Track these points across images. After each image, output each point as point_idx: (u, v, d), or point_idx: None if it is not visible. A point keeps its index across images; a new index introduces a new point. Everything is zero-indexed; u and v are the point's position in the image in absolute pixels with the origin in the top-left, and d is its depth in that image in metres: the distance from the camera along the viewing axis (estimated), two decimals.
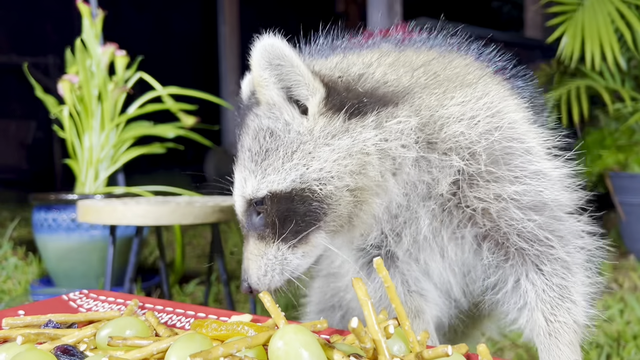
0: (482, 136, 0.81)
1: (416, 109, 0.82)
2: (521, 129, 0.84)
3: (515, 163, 0.82)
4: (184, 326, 0.76)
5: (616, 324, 1.48)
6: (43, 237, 2.00)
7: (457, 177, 0.81)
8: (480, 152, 0.81)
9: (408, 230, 0.86)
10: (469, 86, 0.85)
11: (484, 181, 0.81)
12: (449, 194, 0.82)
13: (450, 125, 0.81)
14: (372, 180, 0.81)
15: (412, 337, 0.60)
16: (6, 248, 2.49)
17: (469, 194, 0.81)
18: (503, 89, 0.89)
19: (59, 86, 2.08)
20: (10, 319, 0.72)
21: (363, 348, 0.56)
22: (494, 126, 0.82)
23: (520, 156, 0.82)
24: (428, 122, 0.81)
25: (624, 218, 2.45)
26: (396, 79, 0.83)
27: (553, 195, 0.83)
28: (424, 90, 0.83)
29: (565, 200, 0.85)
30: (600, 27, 2.30)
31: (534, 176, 0.82)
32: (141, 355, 0.59)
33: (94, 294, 0.88)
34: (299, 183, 0.79)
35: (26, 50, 6.77)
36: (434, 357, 0.55)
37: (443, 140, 0.81)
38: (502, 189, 0.81)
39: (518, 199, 0.81)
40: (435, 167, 0.81)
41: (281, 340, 0.54)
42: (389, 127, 0.80)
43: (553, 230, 0.83)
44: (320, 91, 0.80)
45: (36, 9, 6.76)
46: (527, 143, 0.83)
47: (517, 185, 0.81)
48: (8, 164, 6.65)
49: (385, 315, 0.69)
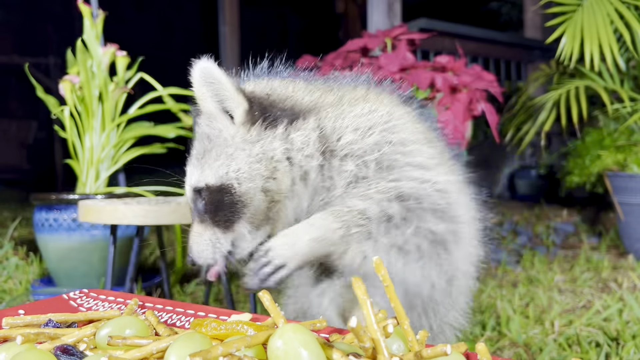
0: (375, 146, 0.95)
1: (320, 123, 0.96)
2: (409, 144, 0.97)
3: (397, 170, 0.95)
4: (183, 325, 0.76)
5: (615, 323, 1.49)
6: (44, 237, 2.00)
7: (350, 180, 0.95)
8: (371, 160, 0.94)
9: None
10: (366, 102, 0.99)
11: (366, 183, 0.95)
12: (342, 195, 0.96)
13: (347, 135, 0.95)
14: (282, 184, 0.95)
15: (411, 336, 0.61)
16: (7, 248, 2.50)
17: (352, 191, 0.95)
18: (398, 106, 1.02)
19: (60, 86, 2.08)
20: (10, 318, 0.72)
21: (362, 347, 0.56)
22: (387, 140, 0.95)
23: (403, 166, 0.96)
24: (331, 133, 0.95)
25: (622, 218, 2.45)
26: (309, 99, 0.99)
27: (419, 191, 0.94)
28: (329, 107, 0.98)
29: (438, 199, 0.96)
30: (600, 28, 2.30)
31: (409, 177, 0.95)
32: (141, 355, 0.59)
33: (94, 294, 0.89)
34: (224, 179, 0.94)
35: (27, 51, 6.77)
36: (432, 356, 0.55)
37: (341, 147, 0.95)
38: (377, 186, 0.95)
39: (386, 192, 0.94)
40: (336, 172, 0.95)
41: (280, 340, 0.54)
42: (295, 138, 0.95)
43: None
44: (244, 104, 0.94)
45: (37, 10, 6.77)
46: (413, 157, 0.96)
47: (391, 183, 0.95)
48: (9, 164, 6.66)
49: (385, 315, 0.70)
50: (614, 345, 1.34)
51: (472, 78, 1.81)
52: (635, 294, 1.80)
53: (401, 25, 2.04)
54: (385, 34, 1.98)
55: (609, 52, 2.30)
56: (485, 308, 1.68)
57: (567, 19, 2.39)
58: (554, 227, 3.08)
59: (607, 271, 2.14)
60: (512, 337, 1.43)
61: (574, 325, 1.48)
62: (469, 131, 1.86)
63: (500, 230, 3.05)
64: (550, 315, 1.59)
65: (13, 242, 2.67)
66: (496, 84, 1.86)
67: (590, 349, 1.32)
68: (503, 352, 1.35)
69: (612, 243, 2.70)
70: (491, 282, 1.98)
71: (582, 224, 3.15)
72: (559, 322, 1.53)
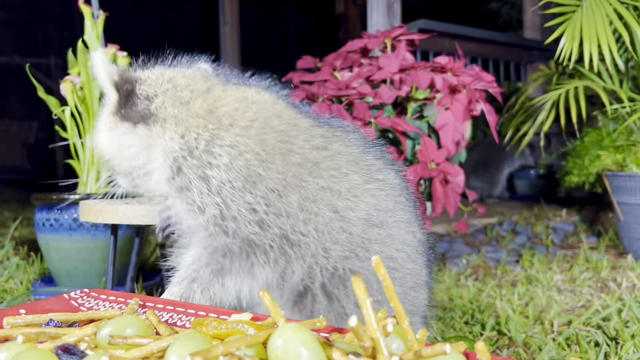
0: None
1: (186, 128, 0.94)
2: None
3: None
4: (184, 325, 0.77)
5: (614, 322, 1.49)
6: (45, 237, 2.00)
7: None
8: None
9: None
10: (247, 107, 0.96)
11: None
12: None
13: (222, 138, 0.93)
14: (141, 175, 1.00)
15: (410, 336, 0.61)
16: (8, 247, 2.50)
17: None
18: (274, 105, 0.98)
19: (60, 87, 2.08)
20: (12, 318, 0.72)
21: (362, 346, 0.57)
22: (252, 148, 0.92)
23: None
24: (195, 138, 0.93)
25: (622, 218, 2.45)
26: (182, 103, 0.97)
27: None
28: (204, 116, 0.95)
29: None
30: (599, 28, 2.30)
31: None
32: (141, 354, 0.59)
33: (95, 293, 0.89)
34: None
35: (28, 51, 6.77)
36: (432, 355, 0.56)
37: (209, 152, 0.92)
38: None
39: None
40: (194, 175, 0.93)
41: (280, 339, 0.54)
42: (154, 138, 0.95)
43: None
44: (113, 95, 0.97)
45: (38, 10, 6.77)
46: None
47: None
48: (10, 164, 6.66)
49: (384, 314, 0.70)
50: (613, 344, 1.34)
51: (472, 78, 1.81)
52: (635, 293, 1.81)
53: (401, 26, 2.04)
54: (385, 34, 1.98)
55: (608, 53, 2.30)
56: (485, 307, 1.69)
57: (566, 19, 2.40)
58: (553, 227, 3.08)
59: (606, 271, 2.14)
60: (511, 336, 1.43)
61: (573, 325, 1.48)
62: (469, 131, 1.86)
63: (499, 230, 3.05)
64: (550, 314, 1.59)
65: (14, 241, 2.68)
66: (495, 85, 1.86)
67: (590, 348, 1.33)
68: (502, 352, 1.35)
69: (611, 243, 2.71)
70: (490, 282, 1.98)
71: (581, 223, 3.16)
72: (558, 321, 1.54)
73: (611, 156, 2.45)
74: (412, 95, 1.85)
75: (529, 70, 4.50)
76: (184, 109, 0.95)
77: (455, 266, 2.32)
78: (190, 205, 0.92)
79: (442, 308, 1.74)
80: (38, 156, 6.71)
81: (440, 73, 1.83)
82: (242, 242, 0.90)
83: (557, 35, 2.41)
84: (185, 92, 0.97)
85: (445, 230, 3.01)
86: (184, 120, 0.95)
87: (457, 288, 1.95)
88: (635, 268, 2.22)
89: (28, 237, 2.94)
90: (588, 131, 2.63)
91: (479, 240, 2.89)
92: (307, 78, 1.93)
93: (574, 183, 2.62)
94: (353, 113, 1.76)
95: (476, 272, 2.22)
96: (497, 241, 2.86)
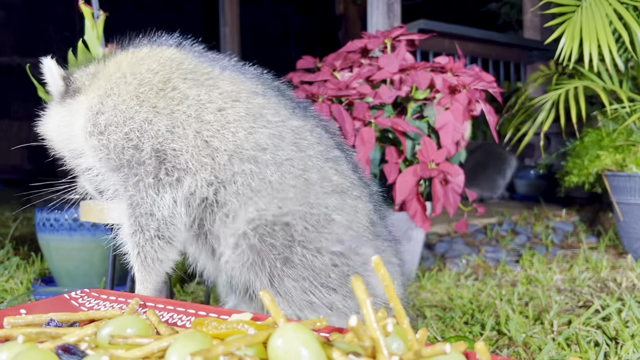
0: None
1: (97, 89, 1.11)
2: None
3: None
4: (184, 325, 0.77)
5: (614, 322, 1.49)
6: (45, 237, 2.01)
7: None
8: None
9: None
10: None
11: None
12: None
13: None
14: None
15: (410, 335, 0.61)
16: (8, 247, 2.50)
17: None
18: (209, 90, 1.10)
19: None
20: (12, 317, 0.73)
21: (362, 346, 0.57)
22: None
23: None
24: (99, 95, 1.10)
25: (621, 218, 2.46)
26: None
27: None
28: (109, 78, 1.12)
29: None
30: (598, 29, 2.30)
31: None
32: (142, 354, 0.59)
33: (95, 293, 0.89)
34: None
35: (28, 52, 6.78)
36: (432, 355, 0.56)
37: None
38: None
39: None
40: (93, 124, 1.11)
41: (281, 339, 0.54)
42: (77, 105, 1.12)
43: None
44: (60, 84, 1.14)
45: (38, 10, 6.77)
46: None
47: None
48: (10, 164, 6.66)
49: (384, 314, 0.70)
50: (613, 344, 1.34)
51: (472, 78, 1.81)
52: (635, 293, 1.81)
53: (401, 26, 2.04)
54: (385, 34, 1.98)
55: (608, 53, 2.31)
56: (485, 307, 1.69)
57: (566, 19, 2.40)
58: (553, 227, 3.09)
59: (606, 271, 2.14)
60: (511, 336, 1.43)
61: (573, 325, 1.48)
62: (469, 131, 1.87)
63: (499, 230, 3.05)
64: (550, 314, 1.59)
65: (14, 241, 2.68)
66: (495, 85, 1.86)
67: (589, 348, 1.33)
68: (502, 352, 1.35)
69: (610, 243, 2.71)
70: (490, 282, 1.98)
71: (581, 223, 3.16)
72: (558, 321, 1.54)
73: (611, 156, 2.45)
74: (412, 95, 1.85)
75: (528, 71, 4.50)
76: (98, 78, 1.13)
77: (455, 266, 2.32)
78: (97, 152, 1.09)
79: (442, 308, 1.74)
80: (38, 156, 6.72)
81: (440, 73, 1.83)
82: (131, 165, 1.07)
83: (557, 36, 2.42)
84: (110, 66, 1.14)
85: (445, 230, 3.01)
86: (97, 85, 1.12)
87: (457, 288, 1.95)
88: (635, 268, 2.22)
89: (28, 237, 2.94)
90: (588, 131, 2.63)
91: (478, 240, 2.89)
92: (307, 78, 1.93)
93: (573, 183, 2.62)
94: (353, 113, 1.77)
95: (476, 272, 2.23)
96: (497, 241, 2.86)
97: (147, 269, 1.10)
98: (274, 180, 1.03)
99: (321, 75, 1.91)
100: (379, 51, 2.04)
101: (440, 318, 1.63)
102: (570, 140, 2.76)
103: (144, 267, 1.10)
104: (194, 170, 1.04)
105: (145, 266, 1.10)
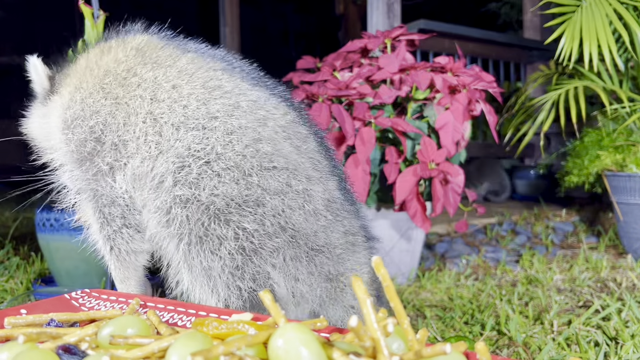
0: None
1: (71, 86, 1.13)
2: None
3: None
4: (185, 325, 0.77)
5: (614, 322, 1.49)
6: (45, 237, 2.01)
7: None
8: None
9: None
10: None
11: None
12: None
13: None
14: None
15: (411, 335, 0.61)
16: (8, 247, 2.50)
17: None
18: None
19: None
20: (13, 318, 0.73)
21: (362, 346, 0.57)
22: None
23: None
24: (70, 92, 1.13)
25: (621, 218, 2.46)
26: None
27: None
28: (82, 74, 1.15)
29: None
30: (598, 29, 2.30)
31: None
32: (142, 354, 0.60)
33: (96, 293, 0.89)
34: None
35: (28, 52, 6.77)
36: (432, 355, 0.56)
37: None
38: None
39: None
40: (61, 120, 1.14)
41: (281, 339, 0.54)
42: (54, 102, 1.15)
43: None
44: (45, 83, 1.17)
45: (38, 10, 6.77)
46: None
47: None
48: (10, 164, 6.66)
49: (385, 314, 0.70)
50: (613, 344, 1.35)
51: (472, 78, 1.81)
52: (635, 293, 1.81)
53: (401, 26, 2.04)
54: (385, 34, 1.98)
55: (608, 53, 2.31)
56: (485, 307, 1.69)
57: (566, 19, 2.40)
58: (553, 227, 3.09)
59: (606, 271, 2.14)
60: (511, 336, 1.43)
61: (573, 325, 1.48)
62: (468, 131, 1.87)
63: (499, 230, 3.05)
64: (550, 314, 1.59)
65: (14, 241, 2.68)
66: (495, 85, 1.86)
67: (589, 348, 1.33)
68: (502, 352, 1.35)
69: (610, 243, 2.71)
70: (490, 282, 1.98)
71: (581, 223, 3.16)
72: (558, 321, 1.54)
73: (611, 156, 2.45)
74: (412, 95, 1.85)
75: (528, 71, 4.50)
76: (70, 74, 1.15)
77: (455, 266, 2.32)
78: (64, 146, 1.12)
79: (442, 308, 1.74)
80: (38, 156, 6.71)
81: (440, 73, 1.83)
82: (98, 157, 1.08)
83: (557, 36, 2.42)
84: (82, 61, 1.16)
85: (445, 230, 3.01)
86: (69, 81, 1.14)
87: (457, 288, 1.95)
88: (635, 268, 2.22)
89: (28, 237, 2.94)
90: (588, 131, 2.63)
91: (478, 240, 2.89)
92: (307, 78, 1.93)
93: (573, 183, 2.62)
94: (353, 113, 1.77)
95: (476, 272, 2.23)
96: (497, 241, 2.86)
97: (124, 263, 1.11)
98: (219, 148, 1.01)
99: (321, 75, 1.92)
100: (379, 51, 2.04)
101: (440, 318, 1.63)
102: (570, 140, 2.76)
103: (120, 262, 1.11)
104: (142, 151, 1.05)
105: (121, 261, 1.10)
